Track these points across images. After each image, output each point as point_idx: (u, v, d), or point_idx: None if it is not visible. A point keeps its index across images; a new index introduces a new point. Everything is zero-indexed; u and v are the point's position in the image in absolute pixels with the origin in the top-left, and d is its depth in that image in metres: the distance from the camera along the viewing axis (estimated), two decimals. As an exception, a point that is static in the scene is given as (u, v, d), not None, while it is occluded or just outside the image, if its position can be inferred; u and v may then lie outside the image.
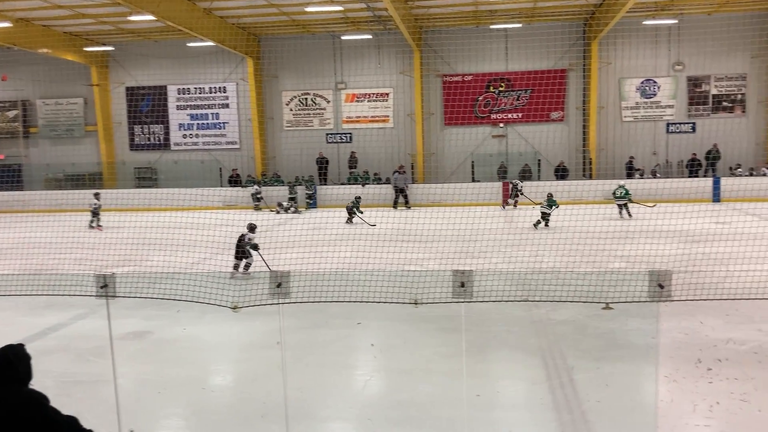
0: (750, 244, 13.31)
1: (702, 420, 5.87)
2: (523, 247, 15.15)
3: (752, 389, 6.47)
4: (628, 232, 16.82)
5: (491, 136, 27.87)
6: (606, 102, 27.08)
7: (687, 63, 26.65)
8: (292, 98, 28.83)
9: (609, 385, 6.85)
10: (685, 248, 14.17)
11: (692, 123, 26.95)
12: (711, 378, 6.80)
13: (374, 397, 7.01)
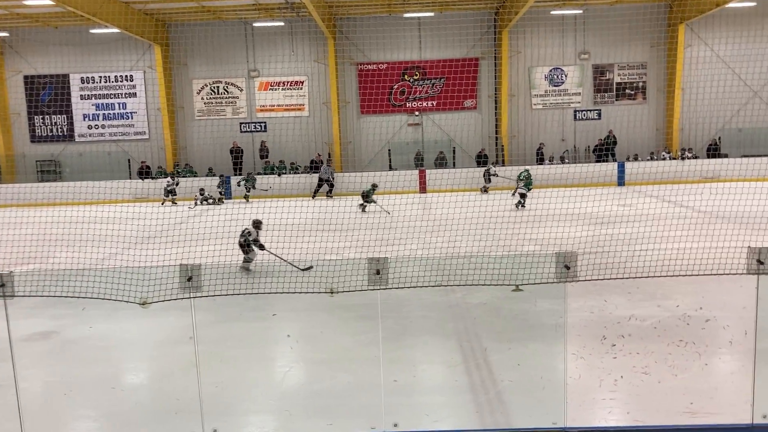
0: (651, 225, 14.00)
1: (608, 394, 6.14)
2: (440, 233, 15.36)
3: (652, 362, 6.81)
4: (539, 216, 17.35)
5: (407, 125, 28.09)
6: (517, 90, 27.79)
7: (592, 52, 27.69)
8: (203, 87, 28.05)
9: (521, 365, 7.05)
10: (592, 230, 14.75)
11: (598, 110, 28.07)
12: (615, 353, 7.12)
13: (293, 389, 6.95)
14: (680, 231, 13.25)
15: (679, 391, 6.11)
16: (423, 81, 27.71)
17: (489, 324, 8.60)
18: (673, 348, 7.15)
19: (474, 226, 16.02)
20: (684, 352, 7.01)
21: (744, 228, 14.24)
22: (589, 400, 6.00)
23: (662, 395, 6.10)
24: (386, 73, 27.56)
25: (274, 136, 27.90)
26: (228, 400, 6.49)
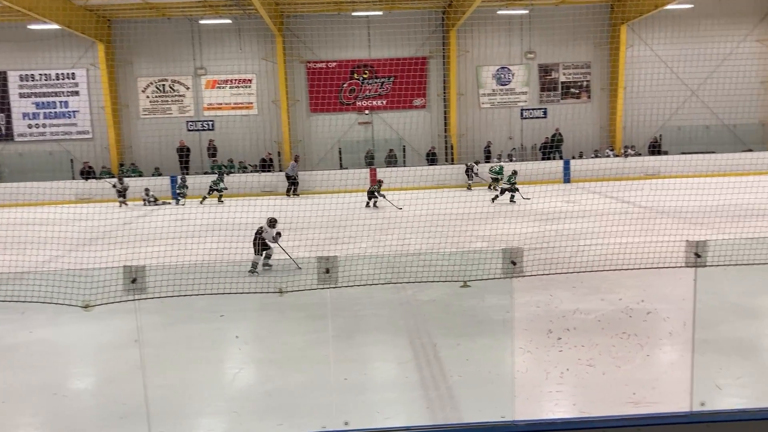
0: (596, 221, 14.36)
1: (554, 386, 6.27)
2: (391, 231, 15.41)
3: (597, 354, 7.00)
4: (488, 213, 17.57)
5: (357, 123, 28.08)
6: (465, 89, 28.08)
7: (538, 51, 28.19)
8: (149, 85, 27.44)
9: (471, 360, 7.14)
10: (539, 226, 15.04)
11: (544, 109, 28.60)
12: (561, 347, 7.28)
13: (243, 390, 6.88)
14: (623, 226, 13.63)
15: (623, 382, 6.29)
16: (372, 80, 27.74)
17: (439, 320, 8.68)
18: (617, 340, 7.35)
19: (425, 224, 16.16)
20: (627, 344, 7.22)
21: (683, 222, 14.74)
22: (537, 393, 6.12)
23: (606, 386, 6.27)
24: (336, 71, 27.50)
25: (222, 134, 27.52)
26: (176, 403, 6.38)
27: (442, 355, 7.38)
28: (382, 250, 13.23)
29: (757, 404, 4.56)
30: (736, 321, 8.26)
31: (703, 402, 4.56)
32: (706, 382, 5.88)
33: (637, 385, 6.15)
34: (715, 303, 8.50)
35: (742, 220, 14.16)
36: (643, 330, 7.74)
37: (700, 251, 4.73)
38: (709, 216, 14.34)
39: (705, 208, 14.82)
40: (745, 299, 8.90)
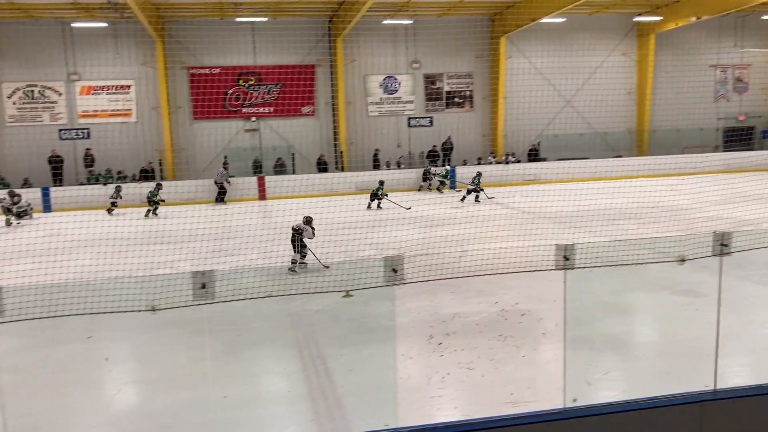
0: (480, 226, 14.83)
1: (436, 391, 6.39)
2: (280, 241, 15.20)
3: (476, 358, 7.20)
4: (379, 220, 17.74)
5: (244, 131, 27.54)
6: (353, 97, 28.26)
7: (423, 61, 28.83)
8: (15, 90, 25.61)
9: (357, 369, 7.16)
10: (427, 232, 15.34)
11: (430, 117, 29.27)
12: (442, 352, 7.43)
13: (122, 412, 6.55)
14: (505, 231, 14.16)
15: (501, 383, 6.51)
16: (259, 86, 27.32)
17: (327, 330, 8.64)
18: (494, 342, 7.61)
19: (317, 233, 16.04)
20: (504, 346, 7.49)
21: (560, 226, 15.51)
22: (419, 399, 6.21)
23: (486, 388, 6.46)
24: (220, 77, 26.85)
25: (99, 143, 26.11)
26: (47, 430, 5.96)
27: (330, 365, 7.34)
28: (272, 261, 13.01)
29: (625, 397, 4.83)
30: (607, 318, 8.77)
31: (575, 398, 4.77)
32: (579, 378, 6.18)
33: (515, 386, 6.38)
34: (588, 302, 8.98)
35: (612, 222, 15.07)
36: (519, 331, 8.05)
37: (569, 254, 4.97)
38: (584, 219, 15.17)
39: (580, 212, 15.68)
40: (615, 297, 9.47)
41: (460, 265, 9.65)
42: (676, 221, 15.76)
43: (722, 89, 31.98)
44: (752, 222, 15.51)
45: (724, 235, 5.21)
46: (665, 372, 6.83)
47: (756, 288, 10.17)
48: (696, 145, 29.64)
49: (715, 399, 4.85)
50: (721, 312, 5.25)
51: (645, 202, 17.90)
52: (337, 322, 8.91)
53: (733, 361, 6.91)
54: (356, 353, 7.62)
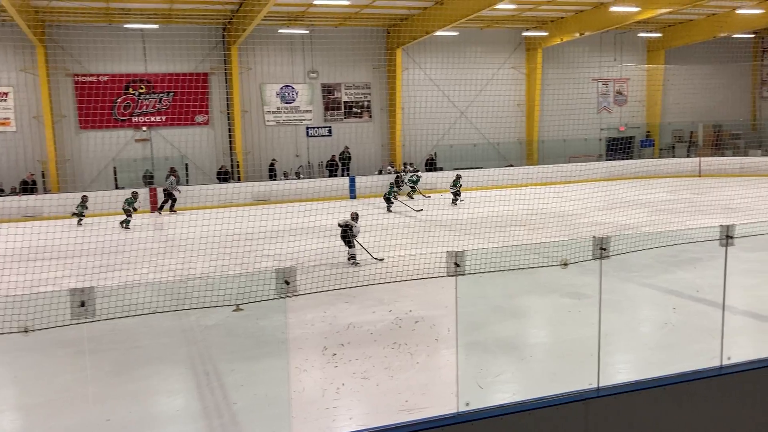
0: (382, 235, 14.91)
1: (331, 402, 6.35)
2: (174, 254, 14.71)
3: (371, 367, 7.22)
4: (277, 231, 17.45)
5: (134, 140, 26.47)
6: (249, 106, 27.81)
7: (321, 71, 28.82)
8: None
9: (253, 383, 7.01)
10: (325, 242, 15.27)
11: (328, 127, 29.28)
12: (336, 362, 7.41)
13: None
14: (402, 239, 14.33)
15: (396, 391, 6.54)
16: (150, 95, 26.36)
17: (223, 345, 8.42)
18: (389, 351, 7.66)
19: (212, 246, 15.63)
20: (398, 354, 7.55)
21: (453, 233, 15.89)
22: (314, 411, 6.14)
23: (381, 397, 6.48)
24: (108, 85, 25.69)
25: (-27, 153, 24.36)
26: None
27: (226, 381, 7.14)
28: (163, 275, 12.54)
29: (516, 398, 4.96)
30: (499, 322, 9.03)
31: (467, 402, 4.85)
32: (472, 382, 6.31)
33: (409, 393, 6.43)
34: (481, 307, 9.22)
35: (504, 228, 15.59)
36: (413, 338, 8.15)
37: (459, 260, 5.07)
38: (478, 226, 15.60)
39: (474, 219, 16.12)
40: (507, 301, 9.78)
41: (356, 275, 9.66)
42: (562, 227, 16.53)
43: (604, 101, 33.96)
44: (632, 226, 16.51)
45: (603, 240, 5.47)
46: (553, 372, 7.09)
47: (636, 289, 10.81)
48: (581, 154, 31.30)
49: (599, 396, 5.06)
50: (604, 312, 5.50)
51: (534, 209, 18.65)
52: (232, 337, 8.69)
53: (615, 359, 7.28)
54: (250, 368, 7.46)
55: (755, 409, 5.39)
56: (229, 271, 12.40)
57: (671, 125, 34.60)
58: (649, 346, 8.30)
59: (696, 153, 32.42)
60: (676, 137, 34.89)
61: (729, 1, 26.21)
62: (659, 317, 9.53)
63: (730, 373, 5.35)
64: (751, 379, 5.38)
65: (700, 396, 5.29)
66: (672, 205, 20.59)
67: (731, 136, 33.89)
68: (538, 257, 7.18)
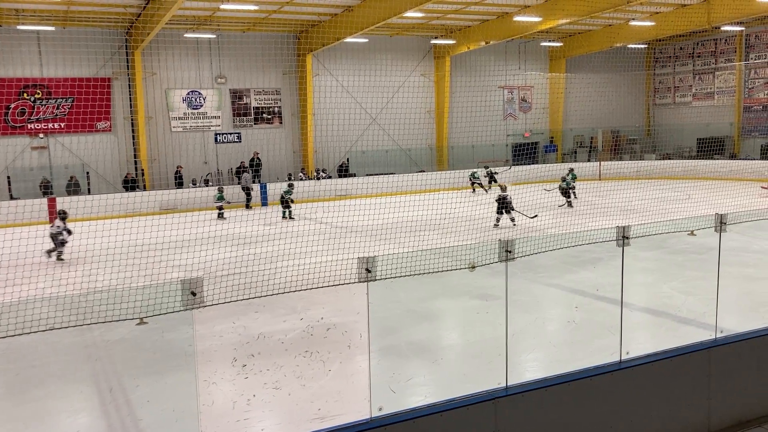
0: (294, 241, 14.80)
1: (241, 415, 6.22)
2: (76, 267, 14.05)
3: (282, 376, 7.14)
4: (186, 240, 16.98)
5: (30, 148, 25.08)
6: (154, 112, 26.96)
7: (229, 76, 28.32)
8: None
9: (160, 398, 6.77)
10: (238, 251, 14.99)
11: (238, 133, 28.80)
12: (246, 373, 7.28)
13: None
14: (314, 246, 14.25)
15: (308, 400, 6.49)
16: (47, 100, 25.07)
17: (128, 360, 8.09)
18: (300, 359, 7.59)
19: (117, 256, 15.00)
20: (310, 362, 7.50)
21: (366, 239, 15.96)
22: (224, 425, 6.01)
23: (293, 406, 6.41)
24: (0, 90, 24.23)
25: None
26: None
27: (132, 397, 6.87)
28: (64, 289, 11.94)
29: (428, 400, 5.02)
30: (412, 326, 9.13)
31: (380, 407, 4.87)
32: (385, 387, 6.34)
33: (322, 401, 6.39)
34: (395, 311, 9.30)
35: (416, 233, 15.80)
36: (325, 346, 8.11)
37: (370, 266, 5.09)
38: (390, 231, 15.74)
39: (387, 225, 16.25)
40: (419, 305, 9.90)
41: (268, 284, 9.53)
42: (471, 231, 16.92)
43: (510, 108, 35.10)
44: (538, 228, 17.11)
45: (508, 243, 5.64)
46: (464, 373, 7.23)
47: (542, 288, 11.20)
48: (489, 159, 32.18)
49: (507, 395, 5.21)
50: (511, 312, 5.66)
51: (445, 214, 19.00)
52: (137, 351, 8.38)
53: (523, 357, 7.51)
54: (156, 382, 7.21)
55: (653, 399, 5.70)
56: (135, 283, 11.94)
57: (573, 131, 36.19)
58: (555, 343, 8.61)
59: (596, 157, 34.02)
60: (577, 142, 36.53)
61: (624, 14, 27.68)
62: (563, 315, 9.91)
63: (629, 367, 5.63)
64: (649, 372, 5.68)
65: (602, 390, 5.53)
66: (574, 208, 21.49)
67: (628, 141, 35.82)
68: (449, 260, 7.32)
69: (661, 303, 10.26)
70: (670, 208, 19.28)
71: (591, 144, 36.10)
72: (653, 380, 5.72)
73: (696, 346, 6.04)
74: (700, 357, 5.94)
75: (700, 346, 6.03)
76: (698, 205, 19.90)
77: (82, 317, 9.63)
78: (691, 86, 35.80)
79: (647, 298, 10.36)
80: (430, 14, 26.80)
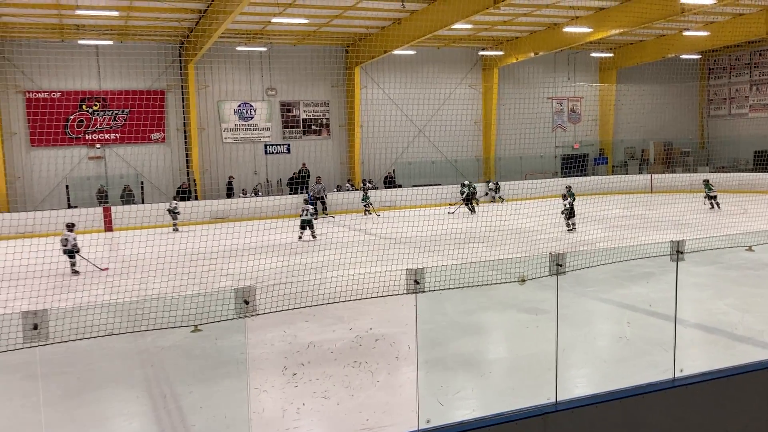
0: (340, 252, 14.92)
1: (291, 423, 6.28)
2: (128, 275, 14.43)
3: (331, 386, 7.18)
4: (236, 250, 17.27)
5: (87, 158, 25.96)
6: (206, 124, 27.58)
7: (279, 89, 28.79)
8: None
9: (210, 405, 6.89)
10: (285, 260, 15.16)
11: (287, 144, 29.21)
12: (296, 382, 7.34)
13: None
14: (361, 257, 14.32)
15: (356, 410, 6.51)
16: (104, 112, 25.92)
17: (179, 367, 8.26)
18: (349, 369, 7.62)
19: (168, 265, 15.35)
20: (359, 372, 7.52)
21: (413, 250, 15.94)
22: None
23: (342, 416, 6.43)
24: (61, 102, 25.15)
25: None
26: None
27: (183, 403, 7.01)
28: (119, 296, 12.29)
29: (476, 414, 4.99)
30: (459, 338, 9.08)
31: (428, 419, 4.87)
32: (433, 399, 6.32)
33: (370, 411, 6.40)
34: (441, 324, 9.25)
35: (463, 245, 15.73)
36: (374, 356, 8.13)
37: (419, 278, 5.11)
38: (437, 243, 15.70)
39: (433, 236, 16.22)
40: (466, 318, 9.83)
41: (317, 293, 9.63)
42: (520, 243, 16.75)
43: (559, 119, 34.69)
44: (588, 242, 16.83)
45: (558, 256, 5.59)
46: (512, 388, 7.16)
47: (592, 303, 11.00)
48: (537, 171, 31.85)
49: (557, 410, 5.14)
50: (560, 327, 5.59)
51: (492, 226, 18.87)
52: (189, 358, 8.54)
53: (572, 373, 7.39)
54: (208, 389, 7.33)
55: (709, 419, 5.54)
56: (187, 290, 12.19)
57: (623, 143, 35.53)
58: (605, 359, 8.44)
59: (648, 170, 33.31)
60: (628, 154, 35.83)
61: (677, 24, 27.13)
62: (614, 331, 9.71)
63: (683, 385, 5.49)
64: (703, 391, 5.53)
65: (654, 408, 5.41)
66: (626, 221, 21.08)
67: (681, 154, 34.95)
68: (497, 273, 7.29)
69: (716, 320, 9.97)
70: (726, 223, 18.73)
71: (642, 156, 35.37)
72: (709, 399, 5.56)
73: (755, 365, 5.85)
74: (760, 377, 5.76)
75: (759, 366, 5.84)
76: (755, 219, 19.27)
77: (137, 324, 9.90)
78: (748, 97, 34.77)
79: (701, 314, 10.07)
80: (479, 26, 26.76)
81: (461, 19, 22.05)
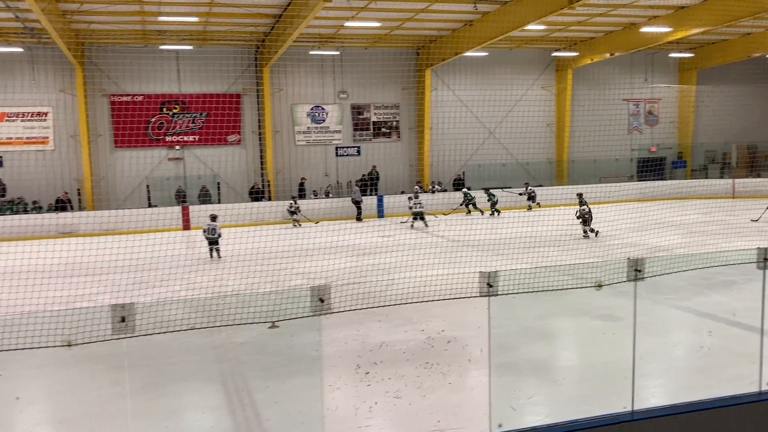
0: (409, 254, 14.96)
1: (364, 421, 6.34)
2: (205, 272, 14.90)
3: (403, 386, 7.21)
4: (308, 250, 17.59)
5: (167, 159, 26.96)
6: (280, 126, 28.18)
7: (350, 92, 29.10)
8: None
9: (284, 401, 7.04)
10: (356, 261, 15.33)
11: (357, 147, 29.50)
12: (369, 381, 7.41)
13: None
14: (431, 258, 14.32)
15: (428, 411, 6.52)
16: (183, 114, 26.86)
17: (253, 362, 8.47)
18: (421, 370, 7.64)
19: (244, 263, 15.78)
20: (430, 374, 7.52)
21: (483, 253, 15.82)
22: (347, 430, 6.14)
23: (413, 416, 6.46)
24: (142, 105, 26.27)
25: (13, 171, 24.99)
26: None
27: (257, 398, 7.19)
28: (197, 292, 12.71)
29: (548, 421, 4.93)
30: (530, 343, 8.96)
31: (500, 423, 4.84)
32: (504, 404, 6.27)
33: (441, 413, 6.40)
34: (512, 328, 9.16)
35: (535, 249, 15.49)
36: (445, 358, 8.12)
37: (492, 281, 5.09)
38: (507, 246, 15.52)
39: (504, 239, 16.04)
40: (537, 323, 9.70)
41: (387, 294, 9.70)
42: (594, 248, 16.36)
43: (635, 122, 33.67)
44: (665, 248, 16.27)
45: (637, 261, 5.45)
46: (586, 395, 7.02)
47: (669, 311, 10.64)
48: (612, 174, 31.01)
49: (633, 420, 5.01)
50: (637, 335, 5.45)
51: (565, 230, 18.50)
52: (263, 354, 8.75)
53: (649, 382, 7.18)
54: (282, 385, 7.49)
55: (796, 435, 5.29)
56: (261, 288, 12.49)
57: (704, 146, 34.14)
58: (684, 369, 8.16)
59: (730, 174, 31.90)
60: (708, 158, 34.40)
61: (764, 21, 25.89)
62: (694, 340, 9.37)
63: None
64: (792, 405, 5.28)
65: (738, 421, 5.20)
66: (706, 227, 20.26)
67: (767, 157, 33.30)
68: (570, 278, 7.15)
69: (806, 332, 9.47)
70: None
71: (724, 160, 33.90)
72: (798, 415, 5.30)
73: None
74: None
75: None
76: None
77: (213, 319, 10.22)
78: (842, 97, 32.82)
79: (789, 326, 9.59)
80: (553, 26, 26.30)
81: (535, 20, 21.74)
